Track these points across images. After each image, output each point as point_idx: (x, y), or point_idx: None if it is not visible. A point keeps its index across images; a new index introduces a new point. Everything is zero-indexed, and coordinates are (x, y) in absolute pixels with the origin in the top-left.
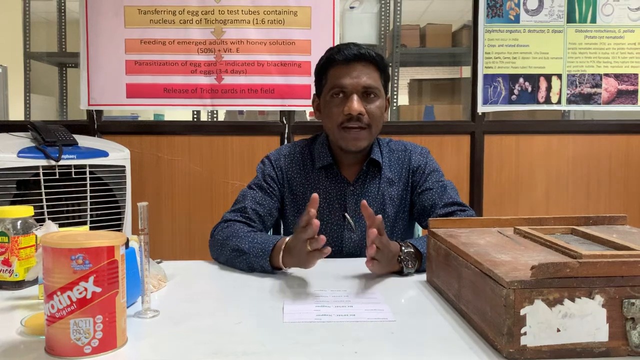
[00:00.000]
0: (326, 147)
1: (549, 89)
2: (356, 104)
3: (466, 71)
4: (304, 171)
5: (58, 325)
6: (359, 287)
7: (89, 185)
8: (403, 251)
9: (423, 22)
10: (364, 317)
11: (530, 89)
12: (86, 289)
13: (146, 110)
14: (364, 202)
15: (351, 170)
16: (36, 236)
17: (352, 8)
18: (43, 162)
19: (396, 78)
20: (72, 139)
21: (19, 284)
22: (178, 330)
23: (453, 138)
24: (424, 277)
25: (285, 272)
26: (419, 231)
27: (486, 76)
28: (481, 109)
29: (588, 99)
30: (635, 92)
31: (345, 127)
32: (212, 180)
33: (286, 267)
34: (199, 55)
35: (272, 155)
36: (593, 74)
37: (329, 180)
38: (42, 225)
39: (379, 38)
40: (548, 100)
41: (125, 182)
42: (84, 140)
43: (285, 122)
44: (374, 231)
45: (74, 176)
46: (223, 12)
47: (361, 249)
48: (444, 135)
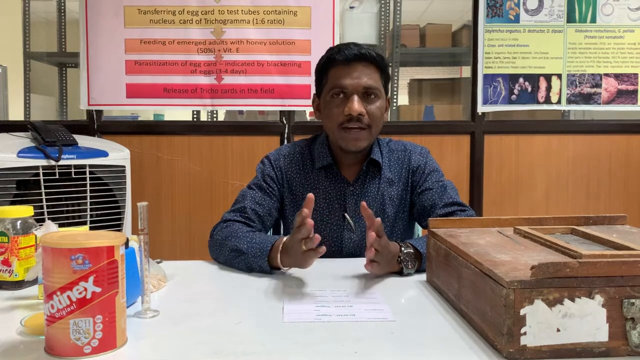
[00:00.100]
0: (326, 147)
1: (549, 88)
2: (356, 105)
3: (466, 71)
4: (303, 171)
5: (58, 325)
6: (359, 287)
7: (88, 185)
8: (403, 252)
9: (423, 22)
10: (364, 317)
11: (530, 89)
12: (86, 289)
13: (146, 110)
14: (363, 203)
15: (351, 170)
16: (36, 236)
17: (352, 8)
18: (43, 162)
19: (396, 78)
20: (72, 139)
21: (19, 284)
22: (178, 330)
23: (453, 138)
24: (424, 277)
25: (284, 272)
26: (419, 231)
27: (486, 76)
28: (481, 108)
29: (588, 98)
30: (635, 92)
31: (345, 128)
32: (212, 180)
33: (285, 267)
34: (198, 55)
35: (271, 155)
36: (593, 74)
37: (328, 180)
38: (41, 225)
39: (379, 38)
40: (548, 100)
41: (125, 182)
42: (84, 140)
43: (285, 122)
44: (373, 235)
45: (73, 176)
46: (223, 12)
47: (361, 249)
48: (443, 135)
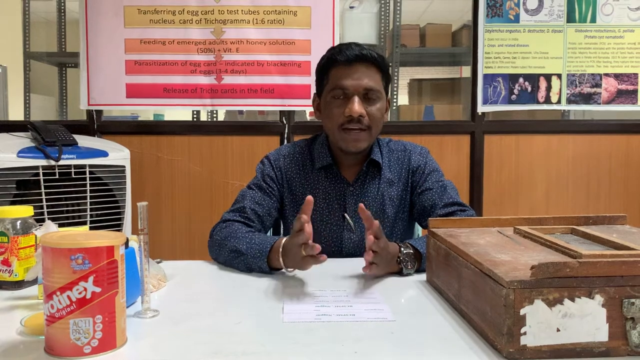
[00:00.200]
0: (326, 147)
1: (549, 88)
2: (357, 106)
3: (466, 71)
4: (303, 171)
5: (58, 325)
6: (359, 287)
7: (88, 185)
8: (402, 252)
9: (423, 22)
10: (364, 317)
11: (530, 89)
12: (86, 289)
13: (146, 110)
14: (361, 205)
15: (351, 170)
16: (36, 236)
17: (351, 8)
18: (43, 162)
19: (396, 78)
20: (72, 139)
21: (19, 284)
22: (178, 330)
23: (453, 138)
24: (424, 277)
25: (284, 272)
26: (419, 231)
27: (486, 76)
28: (481, 108)
29: (588, 98)
30: (635, 91)
31: (345, 129)
32: (212, 180)
33: (286, 267)
34: (198, 55)
35: (271, 155)
36: (593, 74)
37: (328, 180)
38: (41, 225)
39: (379, 38)
40: (548, 100)
41: (125, 182)
42: (83, 140)
43: (285, 122)
44: (371, 238)
45: (73, 176)
46: (223, 12)
47: (361, 250)
48: (443, 135)
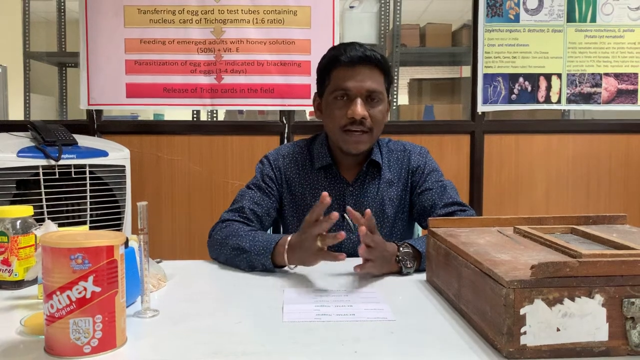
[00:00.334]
0: (326, 147)
1: (549, 88)
2: (360, 109)
3: (466, 71)
4: (303, 171)
5: (57, 325)
6: (359, 286)
7: (88, 185)
8: (401, 251)
9: (423, 22)
10: (364, 316)
11: (530, 89)
12: (85, 289)
13: (146, 110)
14: (348, 207)
15: (350, 170)
16: (36, 236)
17: (351, 7)
18: (43, 162)
19: (396, 78)
20: (71, 138)
21: (19, 284)
22: (178, 330)
23: (453, 138)
24: (423, 277)
25: (287, 269)
26: (419, 231)
27: (486, 76)
28: (481, 108)
29: (588, 98)
30: (635, 91)
31: (347, 130)
32: (212, 180)
33: (290, 264)
34: (198, 55)
35: (270, 155)
36: (593, 74)
37: (328, 180)
38: (41, 225)
39: (379, 38)
40: (548, 100)
41: (125, 182)
42: (83, 140)
43: (285, 121)
44: (364, 229)
45: (73, 176)
46: (223, 11)
47: None
48: (443, 135)
